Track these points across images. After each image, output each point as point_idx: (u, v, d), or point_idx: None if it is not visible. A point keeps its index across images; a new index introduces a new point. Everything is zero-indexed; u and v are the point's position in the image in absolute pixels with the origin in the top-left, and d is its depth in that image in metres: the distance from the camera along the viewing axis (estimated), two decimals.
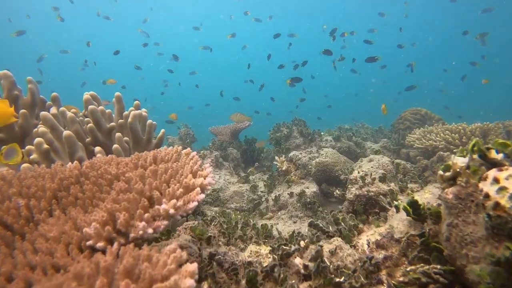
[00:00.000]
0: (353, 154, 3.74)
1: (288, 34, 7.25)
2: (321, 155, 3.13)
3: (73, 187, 0.87)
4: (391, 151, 3.91)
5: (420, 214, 1.12)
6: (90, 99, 1.45)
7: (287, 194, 2.83)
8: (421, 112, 4.79)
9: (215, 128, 4.48)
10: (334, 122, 8.82)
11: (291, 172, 3.10)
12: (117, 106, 1.66)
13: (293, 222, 2.64)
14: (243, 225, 1.46)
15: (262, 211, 2.90)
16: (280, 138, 3.97)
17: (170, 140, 4.51)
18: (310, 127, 4.26)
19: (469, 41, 18.58)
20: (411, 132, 4.35)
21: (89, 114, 1.33)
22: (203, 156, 3.59)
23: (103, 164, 0.95)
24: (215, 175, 3.36)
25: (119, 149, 1.27)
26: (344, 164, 3.06)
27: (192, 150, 4.33)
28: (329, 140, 3.82)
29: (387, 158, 2.71)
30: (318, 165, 2.99)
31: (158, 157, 0.90)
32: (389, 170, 2.55)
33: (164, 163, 0.87)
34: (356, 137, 4.04)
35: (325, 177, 3.03)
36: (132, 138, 1.46)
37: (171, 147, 1.05)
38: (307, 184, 2.95)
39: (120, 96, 1.64)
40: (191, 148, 4.53)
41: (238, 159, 3.96)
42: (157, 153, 0.92)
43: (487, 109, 22.44)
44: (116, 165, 0.89)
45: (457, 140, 3.01)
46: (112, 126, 1.38)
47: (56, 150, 1.23)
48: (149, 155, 0.90)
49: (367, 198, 1.61)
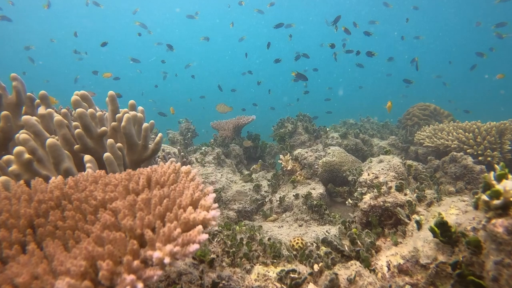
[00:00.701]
0: (360, 152, 3.60)
1: (286, 25, 6.97)
2: (327, 154, 3.00)
3: (53, 213, 0.74)
4: (400, 149, 3.77)
5: (450, 237, 0.99)
6: (79, 101, 1.30)
7: (293, 195, 2.71)
8: (430, 108, 4.63)
9: (217, 122, 4.33)
10: (338, 115, 8.66)
11: (297, 172, 2.97)
12: (110, 107, 1.52)
13: (298, 226, 2.52)
14: (249, 240, 1.33)
15: (266, 212, 2.79)
16: (284, 134, 3.83)
17: (171, 135, 4.37)
18: (315, 122, 4.11)
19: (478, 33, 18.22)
20: (420, 128, 4.20)
21: (77, 118, 1.19)
22: (205, 153, 3.45)
23: (89, 184, 0.81)
24: (217, 173, 3.23)
25: (110, 158, 1.14)
26: (352, 164, 2.92)
27: (193, 145, 4.20)
28: (335, 137, 3.67)
29: (397, 159, 2.58)
30: (325, 165, 2.86)
31: (153, 178, 0.76)
32: (400, 172, 2.41)
33: (159, 186, 0.73)
34: (363, 134, 3.89)
35: (332, 177, 2.90)
36: (126, 143, 1.32)
37: (170, 160, 0.91)
38: (313, 184, 2.83)
39: (113, 96, 1.50)
40: (192, 144, 4.40)
41: (240, 156, 3.83)
42: (151, 172, 0.79)
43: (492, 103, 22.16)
44: (104, 188, 0.75)
45: (471, 140, 2.86)
46: (104, 131, 1.24)
47: (40, 160, 1.09)
48: (142, 175, 0.76)
49: (383, 209, 1.48)
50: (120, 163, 1.22)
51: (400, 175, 2.39)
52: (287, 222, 2.61)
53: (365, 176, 2.42)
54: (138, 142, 1.34)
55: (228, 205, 2.81)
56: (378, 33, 22.81)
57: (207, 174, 3.15)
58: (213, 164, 3.37)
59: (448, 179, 2.82)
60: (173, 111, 5.43)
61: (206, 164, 3.32)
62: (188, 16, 9.43)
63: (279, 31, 7.38)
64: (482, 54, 9.83)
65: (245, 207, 2.84)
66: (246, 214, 2.84)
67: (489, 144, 2.77)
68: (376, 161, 2.65)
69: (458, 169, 2.72)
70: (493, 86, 23.86)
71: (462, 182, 2.67)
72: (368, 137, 3.98)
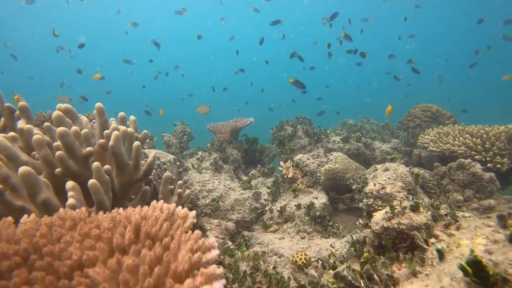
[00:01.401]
0: (362, 156, 3.49)
1: (272, 22, 6.75)
2: (330, 160, 2.87)
3: (17, 273, 0.60)
4: (403, 153, 3.65)
5: (487, 279, 0.87)
6: (61, 118, 1.16)
7: (294, 205, 2.58)
8: (432, 109, 4.52)
9: (213, 125, 4.18)
10: (337, 115, 8.54)
11: (298, 180, 2.84)
12: (98, 120, 1.37)
13: (301, 238, 2.40)
14: (252, 271, 1.21)
15: (266, 222, 2.66)
16: (283, 137, 3.70)
17: (166, 138, 4.22)
18: (313, 122, 3.98)
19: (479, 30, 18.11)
20: (423, 131, 4.10)
21: (59, 137, 1.04)
22: (202, 159, 3.31)
23: (65, 231, 0.67)
24: (214, 180, 3.09)
25: (96, 186, 1.00)
26: (356, 171, 2.80)
27: (189, 149, 4.05)
28: (337, 141, 3.55)
29: (404, 168, 2.46)
30: (327, 173, 2.74)
31: (142, 229, 0.63)
32: (408, 182, 2.30)
33: (150, 240, 0.60)
34: (365, 138, 3.77)
35: (335, 186, 2.78)
36: (115, 163, 1.18)
37: (160, 202, 0.78)
38: (316, 193, 2.70)
39: (101, 108, 1.35)
40: (188, 147, 4.25)
41: (238, 161, 3.70)
42: (140, 220, 0.65)
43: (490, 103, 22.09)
44: (82, 240, 0.62)
45: (479, 145, 2.76)
46: (89, 153, 1.10)
47: (14, 189, 0.95)
48: (130, 224, 0.63)
49: (398, 231, 1.36)
50: (108, 188, 1.08)
51: (408, 185, 2.28)
52: (288, 234, 2.48)
53: (371, 187, 2.30)
54: (128, 162, 1.20)
55: (226, 215, 2.68)
56: (379, 31, 22.67)
57: (204, 181, 3.01)
58: (210, 170, 3.23)
59: (455, 186, 2.71)
60: (162, 113, 5.25)
61: (203, 171, 3.18)
62: (176, 12, 9.13)
63: (275, 30, 7.21)
64: (478, 52, 9.76)
65: (244, 217, 2.71)
66: (246, 224, 2.72)
67: (498, 150, 2.67)
68: (381, 169, 2.54)
69: (466, 176, 2.61)
70: (499, 87, 23.88)
71: (471, 190, 2.56)
72: (370, 140, 3.86)
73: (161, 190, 1.71)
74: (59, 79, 10.16)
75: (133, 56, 15.27)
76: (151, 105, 12.31)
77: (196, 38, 7.86)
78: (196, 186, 2.94)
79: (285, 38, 8.76)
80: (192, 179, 3.02)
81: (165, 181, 1.71)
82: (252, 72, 19.45)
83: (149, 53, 10.77)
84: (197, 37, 7.93)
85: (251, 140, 3.94)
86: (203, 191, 2.91)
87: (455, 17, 21.56)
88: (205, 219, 2.56)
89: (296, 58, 6.62)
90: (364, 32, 6.77)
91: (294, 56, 6.71)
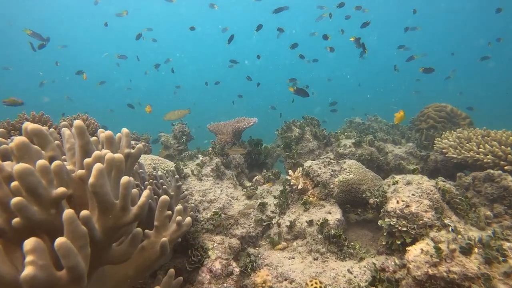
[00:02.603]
0: (375, 162, 3.23)
1: (275, 10, 6.32)
2: (343, 170, 2.61)
3: None
4: (418, 158, 3.40)
5: None
6: (25, 147, 0.88)
7: (305, 221, 2.33)
8: (447, 109, 4.26)
9: (214, 125, 3.90)
10: (341, 112, 8.20)
11: (308, 191, 2.59)
12: (78, 142, 1.11)
13: (313, 259, 2.16)
14: None
15: (274, 238, 2.42)
16: (290, 140, 3.44)
17: (163, 138, 3.94)
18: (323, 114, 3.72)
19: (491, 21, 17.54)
20: (438, 133, 3.84)
21: (18, 178, 0.77)
22: (202, 164, 3.05)
23: None
24: (216, 189, 2.84)
25: (66, 247, 0.73)
26: (372, 182, 2.55)
27: (188, 150, 3.77)
28: (348, 145, 3.29)
29: (429, 182, 2.21)
30: (341, 185, 2.48)
31: None
32: (435, 199, 2.05)
33: None
34: (378, 142, 3.51)
35: (350, 198, 2.53)
36: (98, 205, 0.92)
37: None
38: (328, 207, 2.45)
39: (81, 127, 1.08)
40: (187, 148, 3.98)
41: (241, 165, 3.44)
42: None
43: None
44: None
45: (510, 154, 2.50)
46: (61, 194, 0.84)
47: None
48: None
49: (447, 281, 1.11)
50: (85, 243, 0.82)
51: (435, 202, 2.03)
52: (299, 253, 2.24)
53: (394, 204, 2.05)
54: (114, 202, 0.94)
55: (229, 230, 2.43)
56: (388, 23, 22.07)
57: (205, 190, 2.76)
58: (211, 177, 2.97)
59: (481, 200, 2.47)
60: (149, 110, 4.90)
61: (203, 178, 2.92)
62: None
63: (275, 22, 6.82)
64: (489, 44, 9.45)
65: (249, 231, 2.47)
66: (251, 240, 2.47)
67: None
68: (402, 182, 2.28)
69: (495, 190, 2.37)
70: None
71: (501, 206, 2.32)
72: (383, 143, 3.60)
73: (157, 216, 1.45)
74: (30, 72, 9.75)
75: (123, 49, 14.79)
76: (144, 101, 11.97)
77: (190, 29, 7.48)
78: (196, 196, 2.68)
79: (286, 32, 8.38)
80: (192, 187, 2.76)
81: (162, 206, 1.45)
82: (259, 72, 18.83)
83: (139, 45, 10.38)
84: (191, 28, 7.56)
85: (254, 142, 3.67)
86: (203, 201, 2.65)
87: (466, 8, 20.90)
88: (206, 236, 2.31)
89: (298, 48, 6.30)
90: (371, 26, 6.42)
91: (295, 46, 6.38)
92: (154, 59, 10.72)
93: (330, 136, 3.39)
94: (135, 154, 1.62)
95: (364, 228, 2.61)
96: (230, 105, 9.98)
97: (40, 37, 4.44)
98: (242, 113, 3.92)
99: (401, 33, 7.86)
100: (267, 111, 8.98)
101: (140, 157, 1.68)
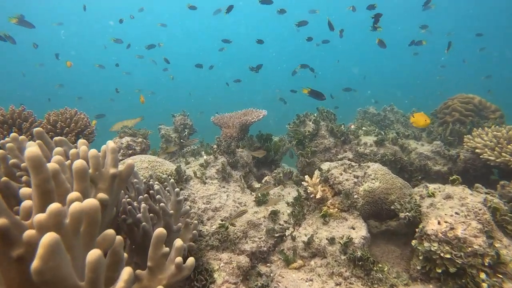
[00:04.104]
0: (398, 163, 2.89)
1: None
2: (367, 176, 2.28)
3: None
4: (446, 158, 3.05)
5: None
6: None
7: (326, 239, 2.02)
8: (474, 101, 3.86)
9: (219, 117, 3.55)
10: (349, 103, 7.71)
11: (328, 200, 2.26)
12: (33, 180, 0.78)
13: (335, 284, 1.86)
14: None
15: (288, 255, 2.12)
16: (304, 136, 3.09)
17: (163, 131, 3.60)
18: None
19: None
20: (465, 127, 3.47)
21: None
22: (206, 165, 2.72)
23: None
24: (222, 194, 2.53)
25: None
26: (401, 192, 2.22)
27: (191, 145, 3.43)
28: (369, 143, 2.94)
29: (473, 197, 1.87)
30: (367, 195, 2.15)
31: None
32: (485, 221, 1.71)
33: None
34: (401, 139, 3.15)
35: (376, 211, 2.21)
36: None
37: None
38: (352, 220, 2.13)
39: (37, 158, 0.75)
40: (190, 143, 3.64)
41: (250, 164, 3.11)
42: None
43: None
44: None
45: None
46: None
47: None
48: None
49: None
50: None
51: (486, 224, 1.70)
52: (318, 276, 1.94)
53: (435, 226, 1.72)
54: (79, 285, 0.61)
55: (237, 245, 2.13)
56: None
57: (209, 196, 2.45)
58: (216, 180, 2.65)
59: None
60: (142, 100, 4.54)
61: (207, 180, 2.60)
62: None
63: None
64: None
65: (260, 246, 2.16)
66: (262, 255, 2.17)
67: None
68: (441, 196, 1.95)
69: None
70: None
71: None
72: (405, 140, 3.25)
73: (151, 255, 1.14)
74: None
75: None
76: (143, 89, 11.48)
77: (189, 7, 6.95)
78: (200, 203, 2.37)
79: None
80: (195, 193, 2.45)
81: (157, 242, 1.14)
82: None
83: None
84: (189, 6, 7.03)
85: (264, 137, 3.32)
86: (208, 210, 2.34)
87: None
88: (211, 254, 2.02)
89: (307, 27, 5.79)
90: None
91: (303, 24, 5.88)
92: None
93: (348, 132, 3.03)
94: (124, 174, 1.29)
95: (390, 242, 2.30)
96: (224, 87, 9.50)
97: (29, 24, 4.03)
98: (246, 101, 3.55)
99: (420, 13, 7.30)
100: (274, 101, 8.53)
101: (131, 175, 1.35)
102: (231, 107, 4.01)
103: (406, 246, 2.24)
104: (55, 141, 1.51)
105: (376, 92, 16.25)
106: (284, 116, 3.94)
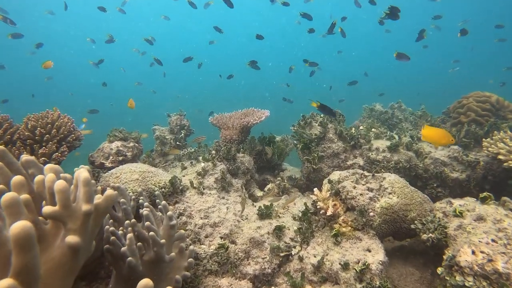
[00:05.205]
0: (413, 171, 2.66)
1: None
2: (383, 190, 2.04)
3: None
4: (464, 165, 2.81)
5: None
6: None
7: (338, 261, 1.79)
8: (491, 100, 3.60)
9: (218, 117, 3.28)
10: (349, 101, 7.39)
11: (339, 217, 2.03)
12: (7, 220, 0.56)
13: None
14: None
15: (295, 279, 1.89)
16: (310, 139, 2.84)
17: (158, 132, 3.35)
18: None
19: None
20: (483, 129, 3.23)
21: None
22: (204, 173, 2.48)
23: None
24: (221, 206, 2.29)
25: None
26: (422, 207, 1.98)
27: (187, 146, 3.18)
28: (381, 149, 2.70)
29: (510, 219, 1.64)
30: (384, 212, 1.92)
31: None
32: None
33: None
34: (416, 143, 2.91)
35: (393, 230, 1.98)
36: None
37: None
38: (367, 241, 1.90)
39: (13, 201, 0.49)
40: (186, 145, 3.39)
41: (251, 170, 2.87)
42: None
43: None
44: None
45: None
46: None
47: None
48: None
49: None
50: None
51: None
52: None
53: (469, 257, 1.49)
54: None
55: (239, 267, 1.91)
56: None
57: (207, 209, 2.21)
58: (215, 190, 2.42)
59: None
60: (132, 105, 4.26)
61: (205, 191, 2.37)
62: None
63: None
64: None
65: (264, 267, 1.94)
66: (266, 278, 1.95)
67: None
68: (471, 217, 1.72)
69: None
70: None
71: None
72: (419, 144, 3.00)
73: None
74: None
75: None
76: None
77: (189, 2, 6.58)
78: (197, 218, 2.14)
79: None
80: (191, 206, 2.21)
81: None
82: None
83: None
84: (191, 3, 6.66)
85: (266, 140, 3.08)
86: (206, 225, 2.11)
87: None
88: (210, 281, 1.79)
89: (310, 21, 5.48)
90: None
91: (306, 16, 5.57)
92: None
93: (358, 136, 2.79)
94: (102, 208, 1.06)
95: (407, 263, 2.08)
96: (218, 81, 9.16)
97: (10, 21, 3.77)
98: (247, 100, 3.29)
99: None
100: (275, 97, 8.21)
101: (111, 206, 1.11)
102: (233, 105, 3.75)
103: (425, 268, 2.02)
104: (22, 163, 1.26)
105: (382, 87, 15.95)
106: (286, 114, 3.70)
